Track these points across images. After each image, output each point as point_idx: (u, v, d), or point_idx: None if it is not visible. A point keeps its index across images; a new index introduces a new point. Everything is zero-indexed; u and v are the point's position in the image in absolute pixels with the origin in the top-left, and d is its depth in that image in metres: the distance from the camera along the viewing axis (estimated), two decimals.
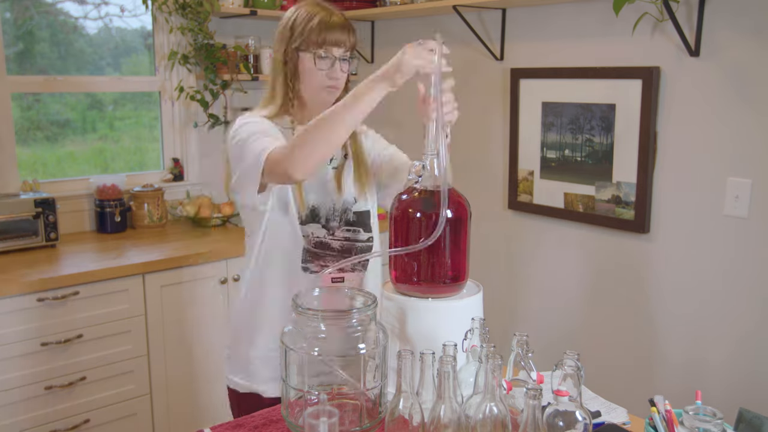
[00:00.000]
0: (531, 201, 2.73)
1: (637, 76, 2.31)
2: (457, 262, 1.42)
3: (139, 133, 3.24)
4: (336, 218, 1.67)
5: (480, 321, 1.33)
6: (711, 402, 1.52)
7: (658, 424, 1.23)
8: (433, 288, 1.41)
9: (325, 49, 1.57)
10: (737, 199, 2.14)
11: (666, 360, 2.36)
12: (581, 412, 1.14)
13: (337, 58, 1.59)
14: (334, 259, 1.66)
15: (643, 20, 2.23)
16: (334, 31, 1.57)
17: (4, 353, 2.27)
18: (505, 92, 2.80)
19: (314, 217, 1.65)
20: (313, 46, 1.57)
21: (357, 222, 1.70)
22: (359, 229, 1.70)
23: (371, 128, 1.80)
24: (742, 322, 2.16)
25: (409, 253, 1.39)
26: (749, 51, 2.07)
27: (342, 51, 1.60)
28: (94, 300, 2.44)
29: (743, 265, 2.15)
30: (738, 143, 2.13)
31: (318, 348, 1.28)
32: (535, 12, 2.66)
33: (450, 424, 1.13)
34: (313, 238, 1.65)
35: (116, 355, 2.51)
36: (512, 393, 1.25)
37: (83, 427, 2.46)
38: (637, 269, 2.42)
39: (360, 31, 3.47)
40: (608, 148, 2.43)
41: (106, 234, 2.93)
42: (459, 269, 1.43)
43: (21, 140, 2.90)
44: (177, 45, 3.09)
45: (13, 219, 2.58)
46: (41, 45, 2.93)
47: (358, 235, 1.70)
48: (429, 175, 1.38)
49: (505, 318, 2.89)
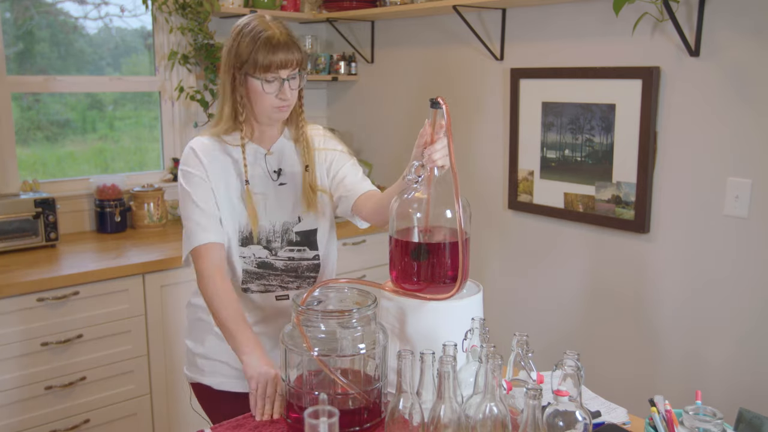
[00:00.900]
0: (531, 201, 2.73)
1: (637, 76, 2.31)
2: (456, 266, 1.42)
3: (139, 133, 3.24)
4: (277, 239, 1.69)
5: (480, 321, 1.33)
6: (711, 402, 1.52)
7: (658, 424, 1.23)
8: (434, 289, 1.41)
9: (271, 73, 1.56)
10: (737, 199, 2.14)
11: (666, 360, 2.36)
12: (581, 412, 1.14)
13: (284, 79, 1.57)
14: (278, 278, 1.70)
15: (643, 20, 2.23)
16: (279, 53, 1.54)
17: (4, 353, 2.27)
18: (505, 92, 2.80)
19: (254, 238, 1.67)
20: (260, 71, 1.55)
21: (301, 241, 1.71)
22: (304, 248, 1.72)
23: (339, 144, 1.80)
24: (742, 322, 2.16)
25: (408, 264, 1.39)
26: (749, 51, 2.07)
27: (289, 71, 1.58)
28: (94, 300, 2.44)
29: (743, 265, 2.15)
30: (738, 143, 2.13)
31: (318, 348, 1.29)
32: (535, 12, 2.66)
33: (450, 424, 1.13)
34: (255, 259, 1.68)
35: (116, 355, 2.51)
36: (512, 393, 1.25)
37: (83, 427, 2.46)
38: (637, 269, 2.42)
39: (360, 31, 3.47)
40: (608, 148, 2.43)
41: (106, 234, 2.93)
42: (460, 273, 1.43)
43: (21, 140, 2.90)
44: (177, 45, 3.09)
45: (13, 219, 2.58)
46: (41, 45, 2.93)
47: (304, 254, 1.72)
48: (425, 179, 1.37)
49: (505, 318, 2.89)
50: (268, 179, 1.69)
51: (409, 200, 1.39)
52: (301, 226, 1.71)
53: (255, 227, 1.65)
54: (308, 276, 1.73)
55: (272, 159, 1.70)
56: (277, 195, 1.69)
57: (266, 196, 1.68)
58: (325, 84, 3.71)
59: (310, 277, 1.74)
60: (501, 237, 2.89)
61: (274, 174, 1.70)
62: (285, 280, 1.71)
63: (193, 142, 1.67)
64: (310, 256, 1.73)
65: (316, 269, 1.74)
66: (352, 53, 3.50)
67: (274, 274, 1.70)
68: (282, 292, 1.71)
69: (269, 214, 1.68)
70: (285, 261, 1.70)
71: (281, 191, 1.70)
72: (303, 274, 1.72)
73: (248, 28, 1.58)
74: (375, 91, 3.46)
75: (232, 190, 1.66)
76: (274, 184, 1.70)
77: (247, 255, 1.68)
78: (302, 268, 1.72)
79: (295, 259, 1.71)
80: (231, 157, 1.66)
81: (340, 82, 3.61)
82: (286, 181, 1.71)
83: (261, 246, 1.68)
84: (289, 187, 1.71)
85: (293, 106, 1.65)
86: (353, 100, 3.60)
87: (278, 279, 1.70)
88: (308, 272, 1.73)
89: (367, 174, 1.82)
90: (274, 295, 1.71)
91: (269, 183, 1.69)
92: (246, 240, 1.67)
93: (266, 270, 1.69)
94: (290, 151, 1.73)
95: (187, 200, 1.63)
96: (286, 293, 1.71)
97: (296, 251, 1.71)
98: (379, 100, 3.43)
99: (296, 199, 1.70)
